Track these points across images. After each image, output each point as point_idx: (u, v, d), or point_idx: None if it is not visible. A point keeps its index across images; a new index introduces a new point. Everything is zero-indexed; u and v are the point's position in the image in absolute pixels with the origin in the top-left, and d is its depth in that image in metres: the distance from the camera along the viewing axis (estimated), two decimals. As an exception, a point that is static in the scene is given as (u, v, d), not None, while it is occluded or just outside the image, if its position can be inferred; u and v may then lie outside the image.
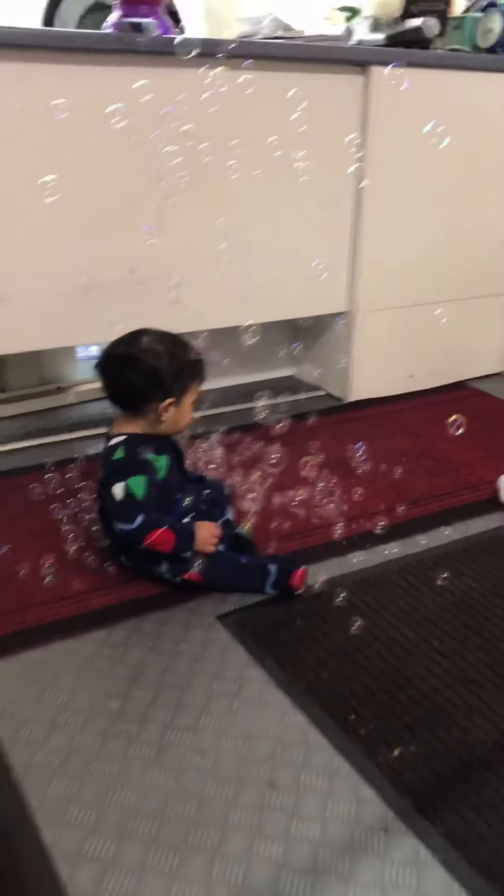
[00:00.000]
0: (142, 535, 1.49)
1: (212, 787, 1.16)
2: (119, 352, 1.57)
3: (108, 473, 1.53)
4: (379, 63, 2.21)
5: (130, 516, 1.49)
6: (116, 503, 1.51)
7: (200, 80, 1.86)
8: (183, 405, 1.58)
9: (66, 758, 1.20)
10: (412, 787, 1.17)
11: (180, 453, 1.67)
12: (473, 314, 2.70)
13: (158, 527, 1.50)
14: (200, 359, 1.61)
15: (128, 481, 1.50)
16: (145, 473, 1.52)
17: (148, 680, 1.36)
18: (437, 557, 1.73)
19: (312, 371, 2.71)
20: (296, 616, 1.52)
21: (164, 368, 1.53)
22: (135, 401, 1.56)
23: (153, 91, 1.88)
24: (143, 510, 1.49)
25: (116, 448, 1.54)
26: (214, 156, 2.00)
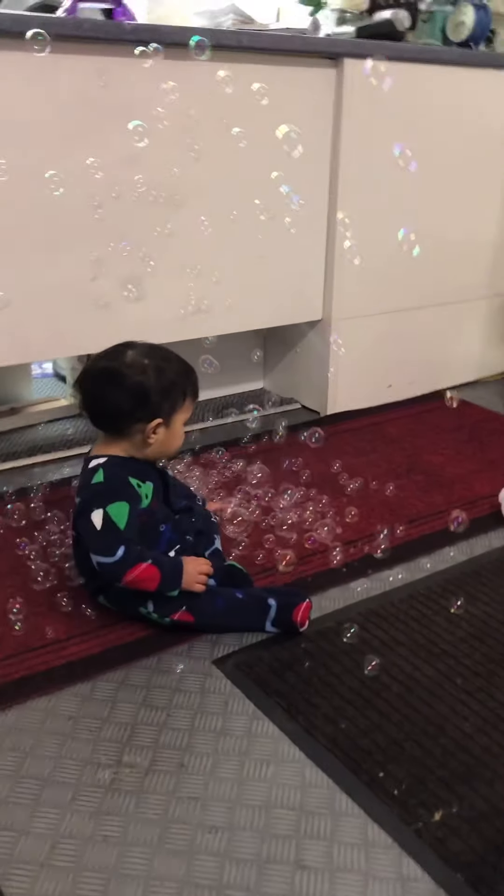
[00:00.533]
0: (123, 570, 1.31)
1: (230, 872, 0.98)
2: (101, 367, 1.38)
3: (86, 499, 1.35)
4: (352, 55, 2.08)
5: (110, 548, 1.30)
6: (95, 533, 1.32)
7: (159, 72, 1.70)
8: (173, 426, 1.40)
9: (53, 847, 1.01)
10: (461, 858, 1.01)
11: (167, 481, 1.49)
12: (451, 320, 2.59)
13: (142, 561, 1.31)
14: (193, 373, 1.43)
15: (107, 508, 1.32)
16: (128, 500, 1.34)
17: (142, 742, 1.18)
18: (445, 582, 1.58)
19: (285, 383, 2.56)
20: (303, 657, 1.35)
21: (151, 385, 1.35)
22: (119, 421, 1.37)
23: (109, 84, 1.72)
24: (124, 541, 1.31)
25: (96, 471, 1.35)
26: (177, 155, 1.85)
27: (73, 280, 1.85)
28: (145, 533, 1.39)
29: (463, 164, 2.41)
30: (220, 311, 2.09)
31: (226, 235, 2.01)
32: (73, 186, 1.77)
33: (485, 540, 1.76)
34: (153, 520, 1.41)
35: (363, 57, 2.08)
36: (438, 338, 2.58)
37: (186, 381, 1.41)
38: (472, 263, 2.57)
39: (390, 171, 2.25)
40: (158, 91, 1.70)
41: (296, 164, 2.10)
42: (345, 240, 2.24)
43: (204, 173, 1.93)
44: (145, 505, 1.38)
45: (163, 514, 1.44)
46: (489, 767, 1.15)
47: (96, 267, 1.85)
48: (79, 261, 1.84)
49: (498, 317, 2.70)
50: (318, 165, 2.17)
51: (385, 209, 2.29)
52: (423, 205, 2.37)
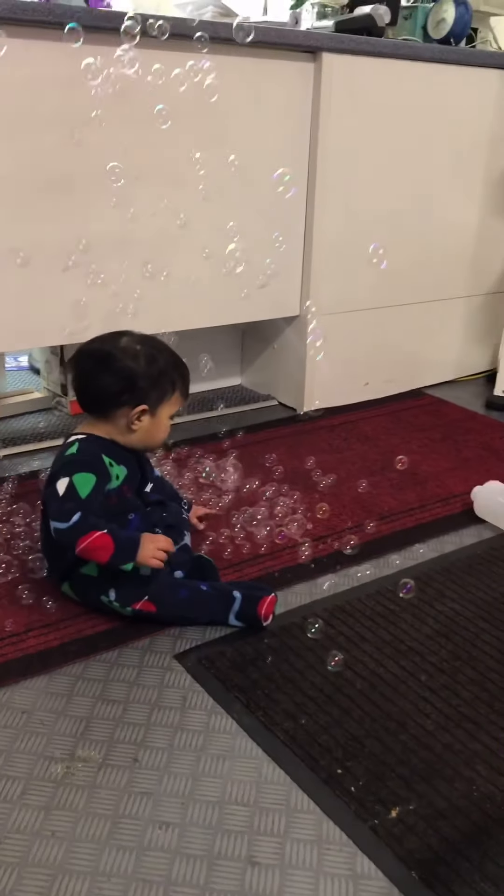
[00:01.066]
0: (76, 535, 1.28)
1: (180, 868, 0.96)
2: (94, 348, 1.40)
3: (57, 469, 1.35)
4: (330, 50, 2.07)
5: (67, 514, 1.28)
6: (56, 498, 1.31)
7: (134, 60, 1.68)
8: (159, 417, 1.40)
9: (0, 842, 0.98)
10: (416, 856, 0.99)
11: (146, 472, 1.48)
12: (430, 319, 2.58)
13: (96, 529, 1.29)
14: (185, 369, 1.44)
15: (73, 477, 1.31)
16: (96, 473, 1.33)
17: (97, 736, 1.15)
18: (414, 579, 1.56)
19: (262, 379, 2.54)
20: (265, 652, 1.33)
21: (140, 371, 1.36)
22: (104, 404, 1.38)
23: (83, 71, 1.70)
24: (82, 508, 1.29)
25: (72, 444, 1.37)
26: (155, 144, 1.83)
27: (45, 270, 1.82)
28: (114, 517, 1.37)
29: (442, 162, 2.40)
30: (196, 305, 2.07)
31: (204, 230, 1.99)
32: (46, 172, 1.75)
33: (456, 537, 1.74)
34: (123, 505, 1.40)
35: (341, 52, 2.08)
36: (416, 336, 2.57)
37: (176, 373, 1.41)
38: (451, 262, 2.56)
39: (368, 167, 2.25)
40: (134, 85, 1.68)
41: (274, 156, 2.09)
42: (321, 237, 2.22)
43: (179, 165, 1.90)
44: (115, 485, 1.37)
45: (134, 503, 1.42)
46: (450, 765, 1.13)
47: (69, 258, 1.83)
48: (52, 251, 1.81)
49: (477, 316, 2.69)
50: (296, 160, 2.15)
51: (363, 205, 2.28)
52: (402, 202, 2.36)
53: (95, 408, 1.41)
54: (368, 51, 2.14)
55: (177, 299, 2.02)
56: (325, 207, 2.21)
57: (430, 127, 2.33)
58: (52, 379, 2.34)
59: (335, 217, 2.24)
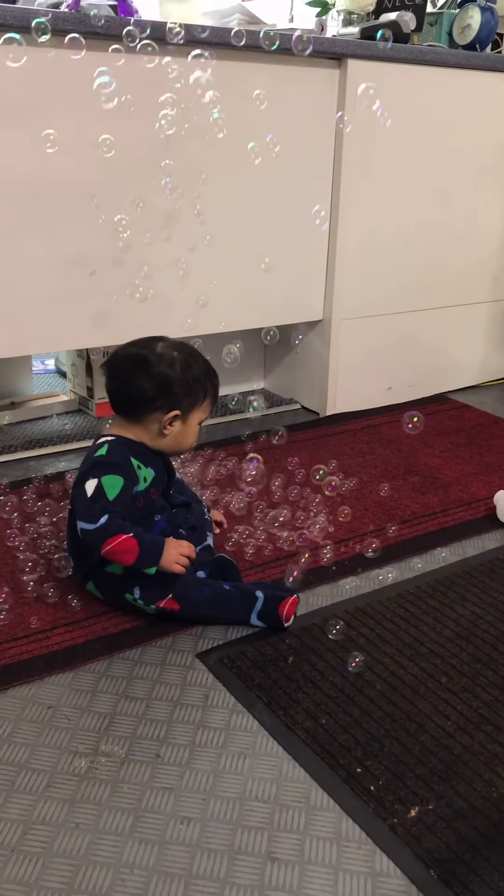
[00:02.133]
0: (102, 538, 1.30)
1: (201, 862, 0.97)
2: (130, 352, 1.41)
3: (86, 469, 1.37)
4: (355, 56, 2.08)
5: (95, 515, 1.30)
6: (84, 499, 1.33)
7: (162, 69, 1.71)
8: (189, 422, 1.43)
9: (24, 832, 1.00)
10: (435, 855, 1.00)
11: (172, 474, 1.50)
12: (453, 324, 2.58)
13: (123, 532, 1.30)
14: (215, 377, 1.46)
15: (102, 478, 1.33)
16: (124, 476, 1.35)
17: (120, 732, 1.17)
18: (435, 583, 1.57)
19: (285, 383, 2.56)
20: (287, 652, 1.34)
21: (175, 377, 1.38)
22: (138, 407, 1.40)
23: (113, 79, 1.73)
24: (109, 511, 1.31)
25: (101, 446, 1.38)
26: (184, 154, 1.85)
27: (74, 275, 1.85)
28: (140, 519, 1.39)
29: (466, 167, 2.41)
30: (220, 309, 2.09)
31: (228, 235, 2.01)
32: (76, 179, 1.78)
33: (478, 542, 1.74)
34: (150, 507, 1.42)
35: (366, 58, 2.10)
36: (440, 341, 2.57)
37: (209, 381, 1.43)
38: (474, 267, 2.56)
39: (392, 172, 2.26)
40: (160, 86, 1.71)
41: (299, 162, 2.11)
42: (346, 242, 2.23)
43: (206, 172, 1.93)
44: (142, 488, 1.39)
45: (160, 505, 1.45)
46: (469, 766, 1.14)
47: (96, 262, 1.86)
48: (79, 255, 1.84)
49: (500, 321, 2.69)
50: (321, 165, 2.17)
51: (387, 210, 2.29)
52: (427, 207, 2.37)
53: (128, 411, 1.42)
54: (393, 57, 2.15)
55: (203, 305, 2.04)
56: (349, 212, 2.22)
57: (455, 133, 2.34)
58: (79, 382, 2.37)
59: (359, 222, 2.25)
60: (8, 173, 1.72)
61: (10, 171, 1.72)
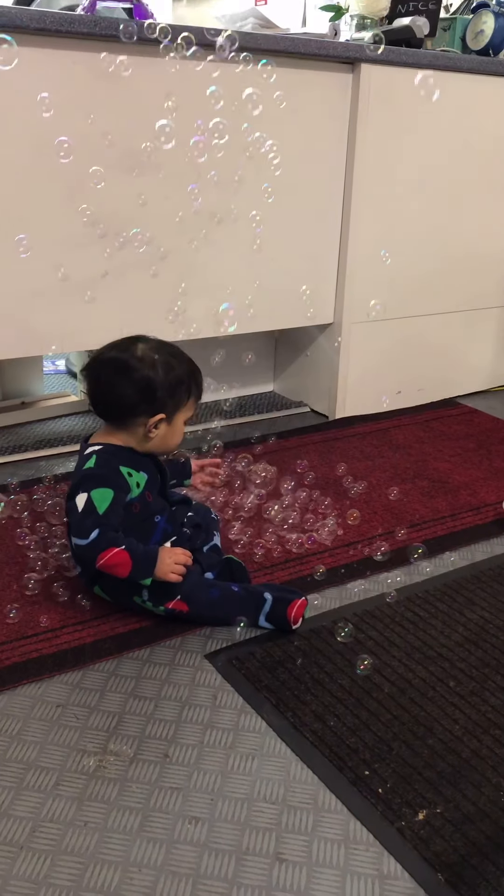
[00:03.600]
0: (95, 552, 1.30)
1: (209, 862, 0.98)
2: (111, 357, 1.39)
3: (76, 483, 1.36)
4: (369, 61, 2.09)
5: (86, 530, 1.30)
6: (76, 515, 1.33)
7: (178, 73, 1.72)
8: (175, 423, 1.41)
9: (33, 830, 1.01)
10: (442, 858, 1.00)
11: (164, 473, 1.49)
12: (464, 328, 2.58)
13: (115, 546, 1.30)
14: (199, 373, 1.45)
15: (91, 493, 1.33)
16: (113, 488, 1.34)
17: (128, 731, 1.17)
18: (444, 587, 1.57)
19: (294, 386, 2.56)
20: (295, 654, 1.35)
21: (158, 381, 1.36)
22: (122, 413, 1.38)
23: (127, 83, 1.74)
24: (100, 525, 1.30)
25: (89, 458, 1.37)
26: (193, 158, 1.85)
27: (84, 276, 1.86)
28: (140, 523, 1.39)
29: (479, 172, 2.41)
30: (231, 313, 2.09)
31: (238, 239, 2.02)
32: (84, 184, 1.78)
33: (487, 546, 1.74)
34: (148, 510, 1.42)
35: (380, 63, 2.10)
36: (449, 346, 2.57)
37: (192, 380, 1.42)
38: (485, 272, 2.56)
39: (405, 177, 2.27)
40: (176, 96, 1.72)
41: (311, 166, 2.12)
42: (357, 245, 2.24)
43: (225, 176, 1.93)
44: (136, 494, 1.39)
45: (158, 505, 1.44)
46: (477, 770, 1.14)
47: (108, 264, 1.87)
48: (89, 257, 1.85)
49: (511, 326, 2.69)
50: (333, 169, 2.17)
51: (399, 214, 2.29)
52: (438, 211, 2.37)
53: (112, 417, 1.41)
54: (407, 62, 2.16)
55: (214, 307, 2.04)
56: (360, 216, 2.22)
57: (467, 137, 2.34)
58: (89, 382, 2.37)
59: (370, 226, 2.25)
60: (22, 176, 1.73)
61: (25, 173, 1.73)
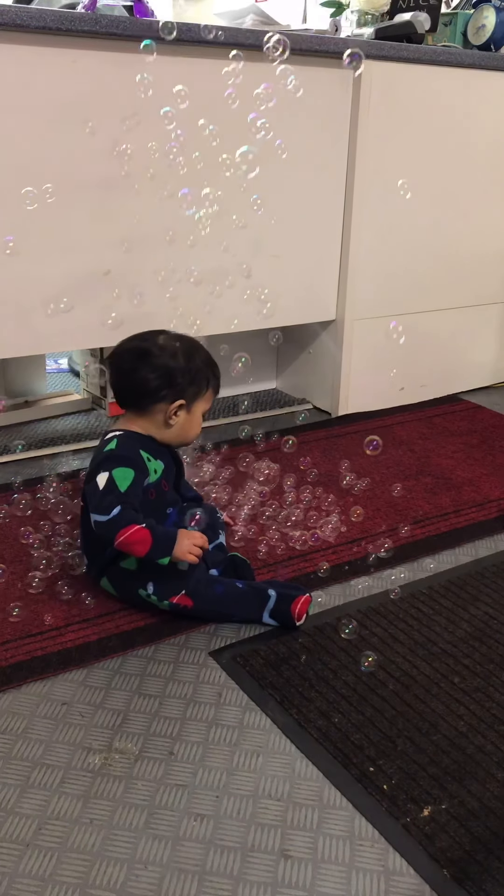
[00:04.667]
0: (116, 529, 1.30)
1: (214, 858, 0.98)
2: (133, 345, 1.44)
3: (97, 463, 1.38)
4: (370, 56, 2.08)
5: (107, 507, 1.31)
6: (97, 492, 1.34)
7: (176, 70, 1.72)
8: (194, 412, 1.45)
9: (39, 828, 1.01)
10: (448, 854, 1.00)
11: (181, 466, 1.51)
12: (467, 324, 2.58)
13: (136, 523, 1.31)
14: (216, 367, 1.48)
15: (113, 471, 1.34)
16: (134, 468, 1.36)
17: (133, 729, 1.18)
18: (448, 583, 1.57)
19: (297, 383, 2.56)
20: (299, 651, 1.35)
21: (178, 368, 1.40)
22: (143, 399, 1.42)
23: (127, 82, 1.73)
24: (121, 502, 1.31)
25: (111, 441, 1.40)
26: (194, 154, 1.85)
27: (88, 274, 1.86)
28: (153, 512, 1.40)
29: (480, 168, 2.40)
30: (233, 309, 2.09)
31: (240, 235, 2.01)
32: (88, 178, 1.79)
33: (491, 542, 1.74)
34: (162, 500, 1.43)
35: (381, 58, 2.10)
36: (452, 342, 2.57)
37: (210, 371, 1.46)
38: (487, 268, 2.55)
39: (407, 172, 2.26)
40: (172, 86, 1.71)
41: (313, 163, 2.11)
42: (359, 242, 2.23)
43: (218, 172, 1.93)
44: (154, 479, 1.41)
45: (172, 498, 1.46)
46: (482, 766, 1.14)
47: (110, 262, 1.87)
48: (94, 256, 1.85)
49: (514, 322, 2.69)
50: (335, 165, 2.17)
51: (401, 210, 2.29)
52: (440, 207, 2.36)
53: (134, 403, 1.44)
54: (408, 57, 2.15)
55: (215, 304, 2.04)
56: (362, 212, 2.22)
57: (469, 133, 2.34)
58: (92, 381, 2.38)
59: (372, 222, 2.25)
60: (25, 174, 1.73)
61: (27, 171, 1.73)
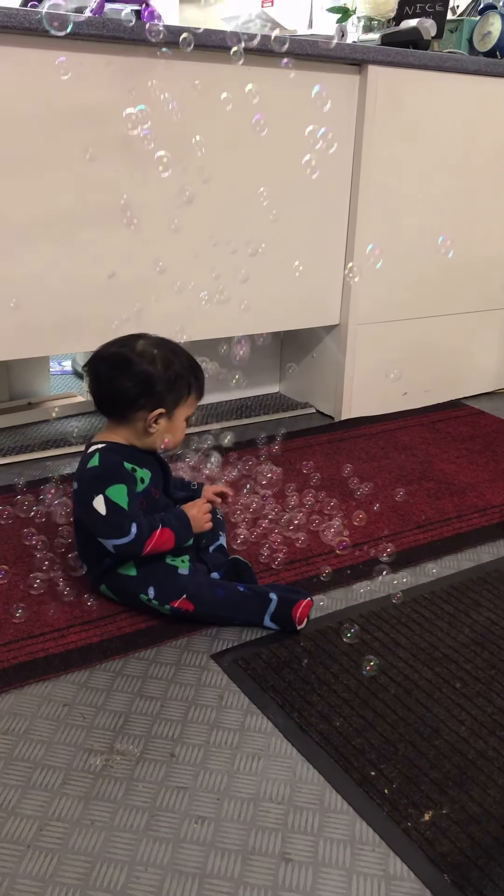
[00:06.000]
0: (141, 544, 1.35)
1: (215, 861, 0.98)
2: (111, 352, 1.41)
3: (85, 487, 1.37)
4: (376, 62, 2.09)
5: (122, 529, 1.33)
6: (102, 519, 1.34)
7: (181, 75, 1.72)
8: (175, 419, 1.43)
9: (40, 828, 1.01)
10: (449, 859, 1.00)
11: (167, 470, 1.51)
12: (470, 329, 2.58)
13: (154, 529, 1.36)
14: (200, 371, 1.46)
15: (106, 492, 1.34)
16: (124, 482, 1.36)
17: (135, 731, 1.18)
18: (450, 588, 1.57)
19: (300, 387, 2.56)
20: (301, 654, 1.35)
21: (157, 375, 1.38)
22: (121, 407, 1.40)
23: (132, 86, 1.74)
24: (133, 518, 1.34)
25: (92, 456, 1.39)
26: (199, 159, 1.85)
27: (92, 276, 1.86)
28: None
29: (485, 173, 2.41)
30: (238, 312, 2.09)
31: (246, 240, 2.02)
32: (94, 184, 1.79)
33: (493, 548, 1.74)
34: (154, 507, 1.43)
35: (387, 64, 2.10)
36: (456, 347, 2.57)
37: (192, 376, 1.43)
38: (492, 273, 2.56)
39: (411, 178, 2.27)
40: (178, 91, 1.72)
41: (318, 167, 2.11)
42: (363, 247, 2.24)
43: (223, 175, 1.94)
44: (141, 489, 1.40)
45: (163, 503, 1.46)
46: (483, 771, 1.14)
47: (114, 264, 1.87)
48: (97, 258, 1.86)
49: (517, 328, 2.69)
50: (340, 169, 2.17)
51: (405, 215, 2.29)
52: (444, 213, 2.37)
53: (113, 411, 1.43)
54: (414, 63, 2.16)
55: (219, 308, 2.05)
56: (367, 217, 2.23)
57: (474, 139, 2.34)
58: (95, 383, 2.38)
59: (377, 227, 2.25)
60: (27, 176, 1.74)
61: (33, 171, 1.74)
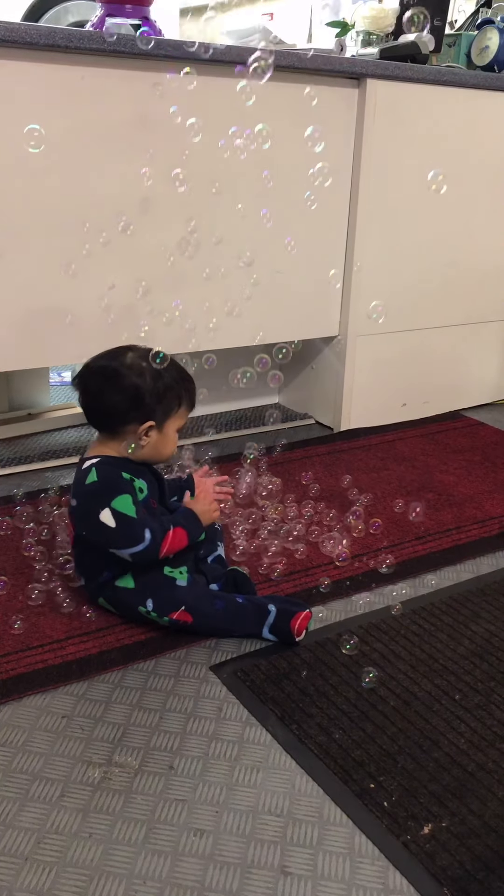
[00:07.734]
0: (157, 548, 1.35)
1: (214, 874, 0.97)
2: (100, 365, 1.40)
3: (87, 503, 1.37)
4: (374, 76, 2.10)
5: (136, 536, 1.34)
6: (112, 531, 1.34)
7: (179, 87, 1.73)
8: (166, 431, 1.42)
9: (38, 841, 1.00)
10: (448, 873, 1.00)
11: (162, 481, 1.51)
12: (469, 341, 2.59)
13: (167, 531, 1.37)
14: (190, 382, 1.45)
15: (112, 504, 1.34)
16: (126, 492, 1.36)
17: (133, 743, 1.17)
18: (450, 600, 1.57)
19: (299, 398, 2.57)
20: (300, 666, 1.35)
21: (146, 388, 1.37)
22: (111, 420, 1.40)
23: (130, 98, 1.76)
24: (144, 525, 1.35)
25: (89, 472, 1.38)
26: (199, 171, 1.86)
27: (92, 288, 1.87)
28: None
29: (483, 187, 2.42)
30: (236, 324, 2.10)
31: (245, 252, 2.03)
32: (96, 198, 1.80)
33: (492, 559, 1.74)
34: (153, 516, 1.42)
35: (385, 78, 2.12)
36: (455, 358, 2.58)
37: (182, 388, 1.42)
38: (490, 285, 2.56)
39: (409, 190, 2.28)
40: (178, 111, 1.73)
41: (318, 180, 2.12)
42: (362, 259, 2.25)
43: (222, 188, 1.94)
44: (140, 498, 1.40)
45: (160, 514, 1.45)
46: (483, 784, 1.13)
47: (115, 276, 1.88)
48: (98, 271, 1.86)
49: (516, 340, 2.70)
50: (339, 182, 2.18)
51: (403, 228, 2.30)
52: (443, 226, 2.38)
53: (103, 425, 1.42)
54: (412, 77, 2.17)
55: (218, 321, 2.05)
56: (365, 229, 2.23)
57: (472, 153, 2.35)
58: (95, 394, 2.38)
59: (376, 239, 2.26)
60: (33, 192, 1.75)
61: (35, 186, 1.75)
